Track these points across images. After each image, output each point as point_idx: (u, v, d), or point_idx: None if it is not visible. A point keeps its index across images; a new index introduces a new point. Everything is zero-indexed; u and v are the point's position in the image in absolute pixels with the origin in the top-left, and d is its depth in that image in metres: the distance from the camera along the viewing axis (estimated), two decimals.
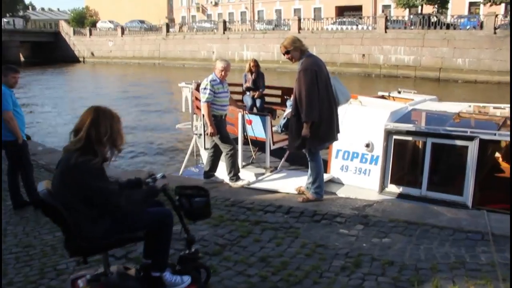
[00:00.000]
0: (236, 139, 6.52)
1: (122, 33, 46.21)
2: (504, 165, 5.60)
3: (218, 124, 6.15)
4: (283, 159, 6.80)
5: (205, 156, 8.00)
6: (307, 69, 4.77)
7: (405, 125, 5.61)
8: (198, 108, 8.35)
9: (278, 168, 6.69)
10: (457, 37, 26.42)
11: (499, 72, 24.08)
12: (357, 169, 5.94)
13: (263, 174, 6.56)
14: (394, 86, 23.42)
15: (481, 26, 27.67)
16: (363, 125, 5.88)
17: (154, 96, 24.01)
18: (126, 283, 3.08)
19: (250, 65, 9.01)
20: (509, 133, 4.99)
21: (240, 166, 6.49)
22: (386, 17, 31.34)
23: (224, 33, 38.52)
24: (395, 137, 5.62)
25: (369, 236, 4.10)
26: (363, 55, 31.17)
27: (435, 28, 28.21)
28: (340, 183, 6.08)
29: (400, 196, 5.57)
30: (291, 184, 5.87)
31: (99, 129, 2.80)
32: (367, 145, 5.79)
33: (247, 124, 6.71)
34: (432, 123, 5.66)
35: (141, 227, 2.99)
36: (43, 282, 3.66)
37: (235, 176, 6.14)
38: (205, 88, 6.00)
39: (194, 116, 8.54)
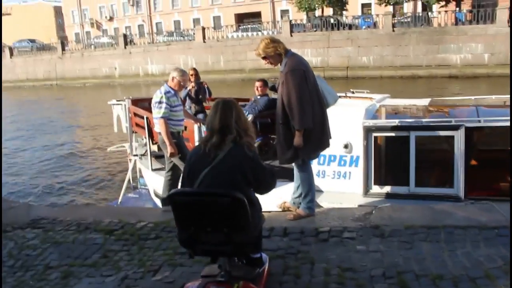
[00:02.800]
0: None
1: (11, 54, 42.06)
2: (490, 152, 5.54)
3: (178, 142, 5.36)
4: None
5: (152, 179, 7.12)
6: (294, 70, 4.19)
7: (385, 120, 5.29)
8: (138, 126, 7.44)
9: None
10: (360, 36, 27.76)
11: (401, 67, 25.66)
12: (336, 173, 5.51)
13: None
14: None
15: (375, 25, 29.44)
16: (338, 125, 5.45)
17: (63, 120, 21.76)
18: (247, 271, 3.13)
19: (189, 74, 8.23)
20: (493, 119, 4.88)
21: None
22: (290, 22, 32.03)
23: (125, 48, 36.69)
24: (375, 134, 5.27)
25: (393, 249, 3.63)
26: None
27: (338, 29, 29.40)
28: (318, 190, 5.59)
29: (387, 196, 5.23)
30: (269, 201, 5.24)
31: (242, 119, 2.94)
32: (346, 146, 5.37)
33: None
34: (408, 117, 5.41)
35: None
36: None
37: None
38: (159, 102, 5.18)
39: (133, 135, 7.60)
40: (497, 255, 3.31)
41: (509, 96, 5.66)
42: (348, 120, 5.40)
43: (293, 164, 4.56)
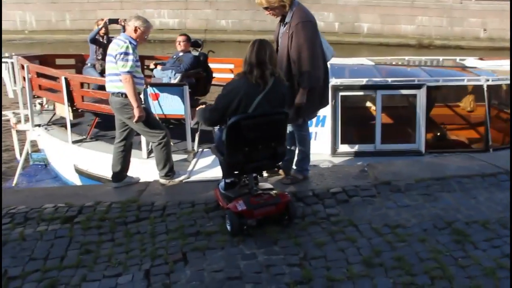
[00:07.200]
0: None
1: None
2: (446, 110, 6.00)
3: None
4: (197, 138, 5.60)
5: (71, 153, 6.01)
6: (306, 22, 3.85)
7: (352, 79, 5.29)
8: (42, 89, 6.18)
9: (199, 150, 5.50)
10: None
11: (259, 32, 26.18)
12: None
13: (185, 160, 5.31)
14: (163, 49, 22.92)
15: None
16: None
17: None
18: (269, 184, 3.75)
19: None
20: (452, 78, 5.29)
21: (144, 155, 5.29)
22: None
23: None
24: (341, 93, 5.25)
25: (421, 202, 3.72)
26: (125, 19, 29.22)
27: None
28: None
29: (355, 154, 5.33)
30: None
31: (273, 56, 3.38)
32: None
33: (151, 99, 5.29)
34: (366, 76, 5.50)
35: None
36: None
37: (171, 171, 4.69)
38: (125, 53, 4.17)
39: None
40: None
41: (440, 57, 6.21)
42: None
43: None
